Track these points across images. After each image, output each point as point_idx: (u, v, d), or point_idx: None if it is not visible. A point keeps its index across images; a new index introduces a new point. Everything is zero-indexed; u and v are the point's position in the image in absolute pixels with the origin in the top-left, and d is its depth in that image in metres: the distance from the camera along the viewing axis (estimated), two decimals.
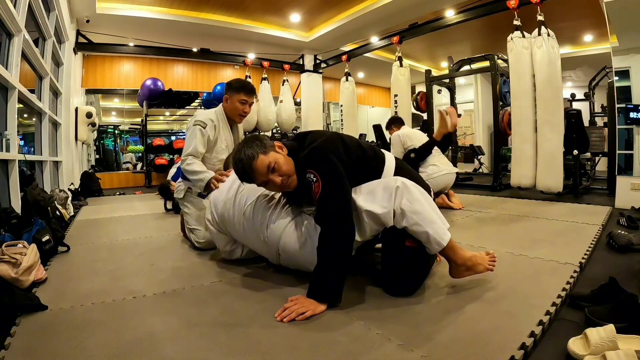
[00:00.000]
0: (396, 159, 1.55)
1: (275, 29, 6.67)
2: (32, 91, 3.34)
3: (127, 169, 7.84)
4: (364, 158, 1.43)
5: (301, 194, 1.41)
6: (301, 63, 7.77)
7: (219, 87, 6.99)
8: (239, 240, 1.71)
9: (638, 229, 2.34)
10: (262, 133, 7.31)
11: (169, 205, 3.69)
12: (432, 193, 1.58)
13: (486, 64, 5.10)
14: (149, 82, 6.41)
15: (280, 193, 1.55)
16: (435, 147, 3.19)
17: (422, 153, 3.24)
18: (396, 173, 1.46)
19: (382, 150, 1.57)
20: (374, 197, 1.31)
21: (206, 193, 2.02)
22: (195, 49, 6.79)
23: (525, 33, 3.75)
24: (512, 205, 3.40)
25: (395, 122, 3.85)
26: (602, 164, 5.12)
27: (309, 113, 7.84)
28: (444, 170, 3.23)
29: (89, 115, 5.45)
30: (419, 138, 3.53)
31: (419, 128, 6.39)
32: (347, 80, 6.45)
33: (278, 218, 1.49)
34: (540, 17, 3.63)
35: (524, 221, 2.71)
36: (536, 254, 1.80)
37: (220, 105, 2.25)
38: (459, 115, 7.29)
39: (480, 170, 7.27)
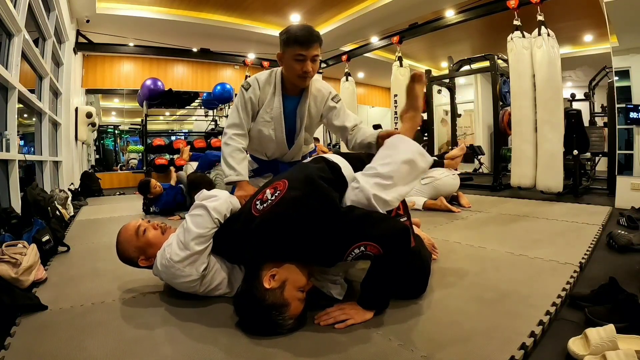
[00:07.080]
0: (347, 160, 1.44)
1: (275, 29, 6.65)
2: (32, 91, 3.34)
3: (131, 168, 7.87)
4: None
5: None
6: None
7: (219, 87, 6.97)
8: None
9: (638, 229, 2.34)
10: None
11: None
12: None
13: (486, 64, 5.10)
14: (149, 82, 6.39)
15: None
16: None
17: None
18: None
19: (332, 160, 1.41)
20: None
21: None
22: (195, 49, 6.79)
23: (525, 33, 3.75)
24: (512, 205, 3.40)
25: None
26: (602, 164, 5.11)
27: None
28: (446, 172, 3.35)
29: (89, 115, 5.46)
30: None
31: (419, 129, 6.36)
32: (347, 80, 6.45)
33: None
34: (540, 17, 3.63)
35: (524, 221, 2.71)
36: (536, 254, 1.80)
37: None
38: (459, 115, 7.31)
39: (480, 170, 7.26)
